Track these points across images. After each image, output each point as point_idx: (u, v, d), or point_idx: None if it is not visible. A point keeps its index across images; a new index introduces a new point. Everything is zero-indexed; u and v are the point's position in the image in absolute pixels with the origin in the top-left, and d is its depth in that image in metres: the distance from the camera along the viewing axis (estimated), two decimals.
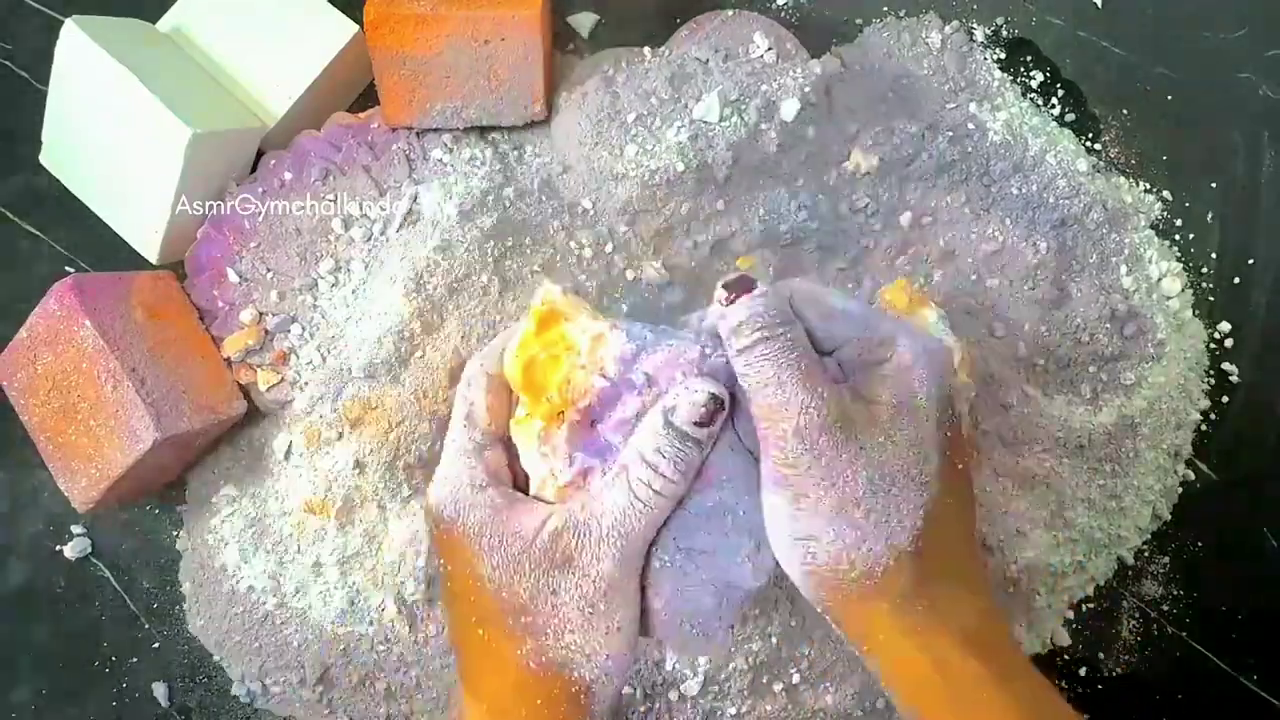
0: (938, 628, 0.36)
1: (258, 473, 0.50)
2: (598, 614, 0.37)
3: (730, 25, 0.51)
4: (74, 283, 0.46)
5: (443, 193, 0.48)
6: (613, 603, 0.37)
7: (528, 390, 0.39)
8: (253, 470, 0.51)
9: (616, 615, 0.37)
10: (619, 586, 0.37)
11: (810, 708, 0.49)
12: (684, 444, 0.37)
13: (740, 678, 0.47)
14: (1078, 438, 0.50)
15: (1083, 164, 0.52)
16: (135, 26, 0.50)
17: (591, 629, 0.37)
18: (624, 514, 0.37)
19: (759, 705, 0.48)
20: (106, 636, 0.53)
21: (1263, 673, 0.52)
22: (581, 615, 0.37)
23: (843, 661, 0.49)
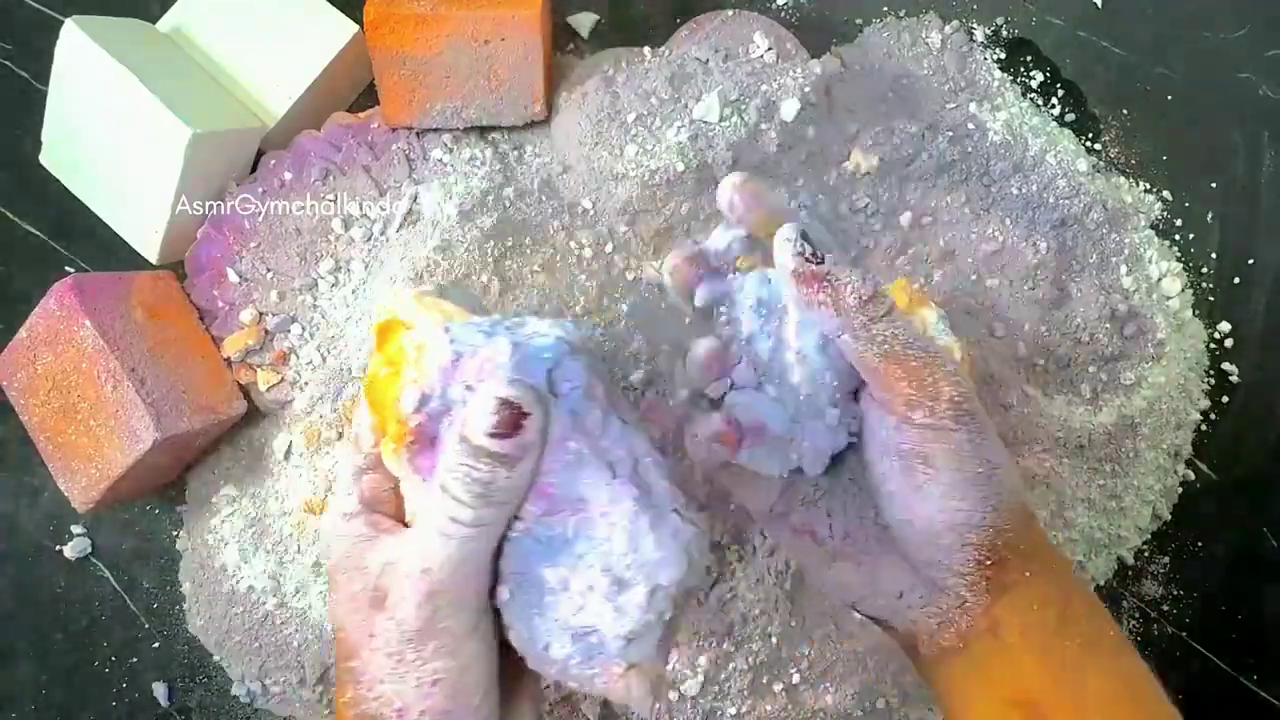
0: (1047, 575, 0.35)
1: (258, 473, 0.50)
2: (405, 663, 0.33)
3: (730, 25, 0.51)
4: (74, 283, 0.46)
5: (443, 193, 0.48)
6: (423, 651, 0.33)
7: (374, 411, 0.35)
8: (253, 470, 0.51)
9: (432, 665, 0.33)
10: (429, 633, 0.32)
11: (810, 708, 0.48)
12: (480, 462, 0.31)
13: (740, 678, 0.47)
14: (1078, 438, 0.50)
15: (1083, 164, 0.52)
16: (135, 26, 0.50)
17: (400, 680, 0.33)
18: (426, 549, 0.32)
19: (759, 705, 0.48)
20: (106, 636, 0.53)
21: (1263, 673, 0.52)
22: (390, 663, 0.33)
23: (843, 661, 0.49)
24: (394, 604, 0.33)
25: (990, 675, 0.35)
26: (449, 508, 0.32)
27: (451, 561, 0.32)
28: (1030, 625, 0.34)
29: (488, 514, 0.32)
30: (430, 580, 0.32)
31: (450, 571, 0.32)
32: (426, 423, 0.33)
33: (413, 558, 0.33)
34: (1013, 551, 0.34)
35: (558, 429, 0.32)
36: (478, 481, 0.31)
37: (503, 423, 0.31)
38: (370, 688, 0.33)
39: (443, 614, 0.32)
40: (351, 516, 0.35)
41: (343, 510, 0.36)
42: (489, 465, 0.31)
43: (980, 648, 0.35)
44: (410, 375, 0.33)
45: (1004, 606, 0.34)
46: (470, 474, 0.31)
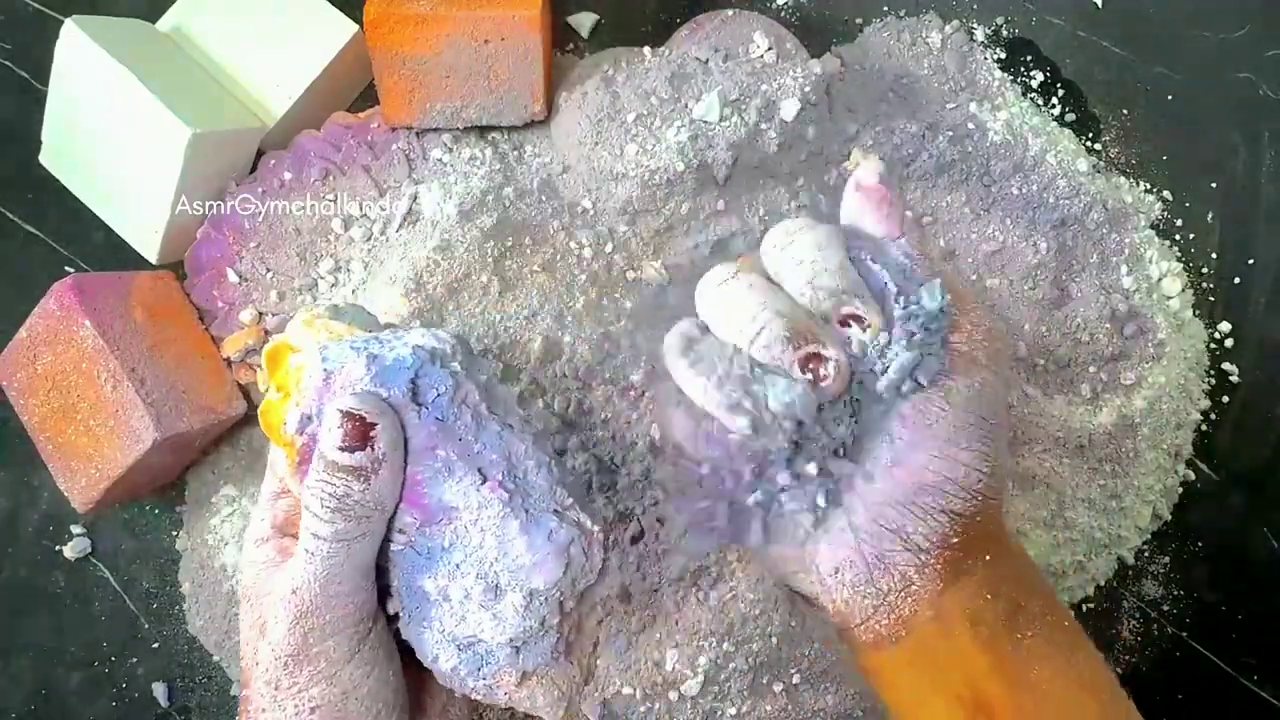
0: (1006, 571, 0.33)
1: (258, 473, 0.50)
2: (282, 691, 0.32)
3: (730, 25, 0.51)
4: (74, 283, 0.46)
5: (443, 193, 0.48)
6: (298, 678, 0.32)
7: (269, 435, 0.35)
8: (253, 470, 0.51)
9: (309, 693, 0.32)
10: (302, 658, 0.32)
11: (811, 708, 0.48)
12: (334, 476, 0.31)
13: (740, 678, 0.47)
14: (1078, 438, 0.50)
15: (1083, 164, 0.52)
16: (135, 26, 0.50)
17: (278, 707, 0.32)
18: (293, 569, 0.32)
19: (759, 705, 0.48)
20: (106, 636, 0.53)
21: (1263, 673, 0.52)
22: (269, 691, 0.32)
23: (843, 662, 0.49)
24: (269, 629, 0.32)
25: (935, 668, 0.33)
26: (310, 524, 0.31)
27: (317, 580, 0.31)
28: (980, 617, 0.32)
29: (347, 528, 0.31)
30: (298, 600, 0.32)
31: (317, 591, 0.32)
32: (309, 443, 0.32)
33: (283, 580, 0.32)
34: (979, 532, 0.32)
35: (422, 437, 0.32)
36: (332, 496, 0.31)
37: (349, 435, 0.31)
38: (254, 717, 0.33)
39: (315, 637, 0.32)
40: (262, 542, 0.35)
41: (255, 536, 0.35)
42: (343, 479, 0.31)
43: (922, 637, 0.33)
44: (295, 398, 0.33)
45: (953, 595, 0.32)
46: (324, 489, 0.31)
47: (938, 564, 0.32)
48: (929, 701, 0.33)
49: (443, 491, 0.32)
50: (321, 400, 0.32)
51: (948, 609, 0.32)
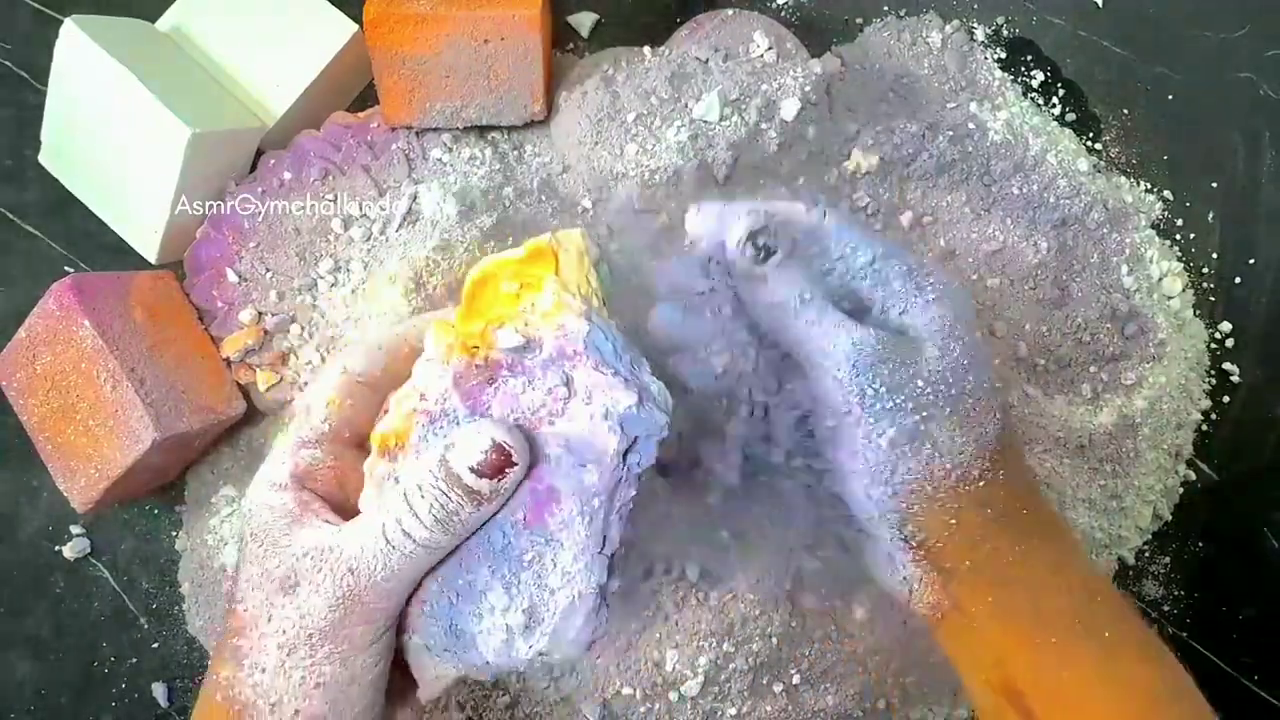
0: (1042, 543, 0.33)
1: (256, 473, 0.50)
2: (295, 658, 0.31)
3: (730, 25, 0.51)
4: (73, 283, 0.46)
5: (442, 192, 0.48)
6: (318, 652, 0.31)
7: (466, 304, 0.34)
8: (252, 470, 0.50)
9: (323, 670, 0.31)
10: (332, 635, 0.31)
11: (811, 708, 0.48)
12: (453, 490, 0.31)
13: (740, 678, 0.47)
14: (1078, 438, 0.50)
15: (1083, 164, 0.52)
16: (135, 26, 0.50)
17: (283, 674, 0.31)
18: (363, 551, 0.31)
19: (759, 706, 0.48)
20: (106, 637, 0.53)
21: (1263, 673, 0.52)
22: (278, 654, 0.31)
23: (843, 662, 0.49)
24: (304, 594, 0.31)
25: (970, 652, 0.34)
26: (405, 519, 0.31)
27: (384, 571, 0.31)
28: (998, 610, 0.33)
29: (440, 540, 0.31)
30: (352, 582, 0.31)
31: (378, 581, 0.31)
32: (503, 365, 0.32)
33: (343, 553, 0.31)
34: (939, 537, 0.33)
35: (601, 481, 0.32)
36: (443, 508, 0.31)
37: (488, 465, 0.30)
38: (251, 673, 0.32)
39: (350, 620, 0.31)
40: (280, 488, 0.34)
41: (272, 479, 0.34)
42: (459, 497, 0.31)
43: (952, 624, 0.34)
44: (527, 315, 0.32)
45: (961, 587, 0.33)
46: (438, 498, 0.31)
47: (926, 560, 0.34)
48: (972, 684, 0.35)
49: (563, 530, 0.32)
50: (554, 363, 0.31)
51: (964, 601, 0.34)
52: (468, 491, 0.31)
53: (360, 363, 0.35)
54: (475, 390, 0.32)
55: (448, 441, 0.31)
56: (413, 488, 0.31)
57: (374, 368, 0.35)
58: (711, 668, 0.47)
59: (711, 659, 0.47)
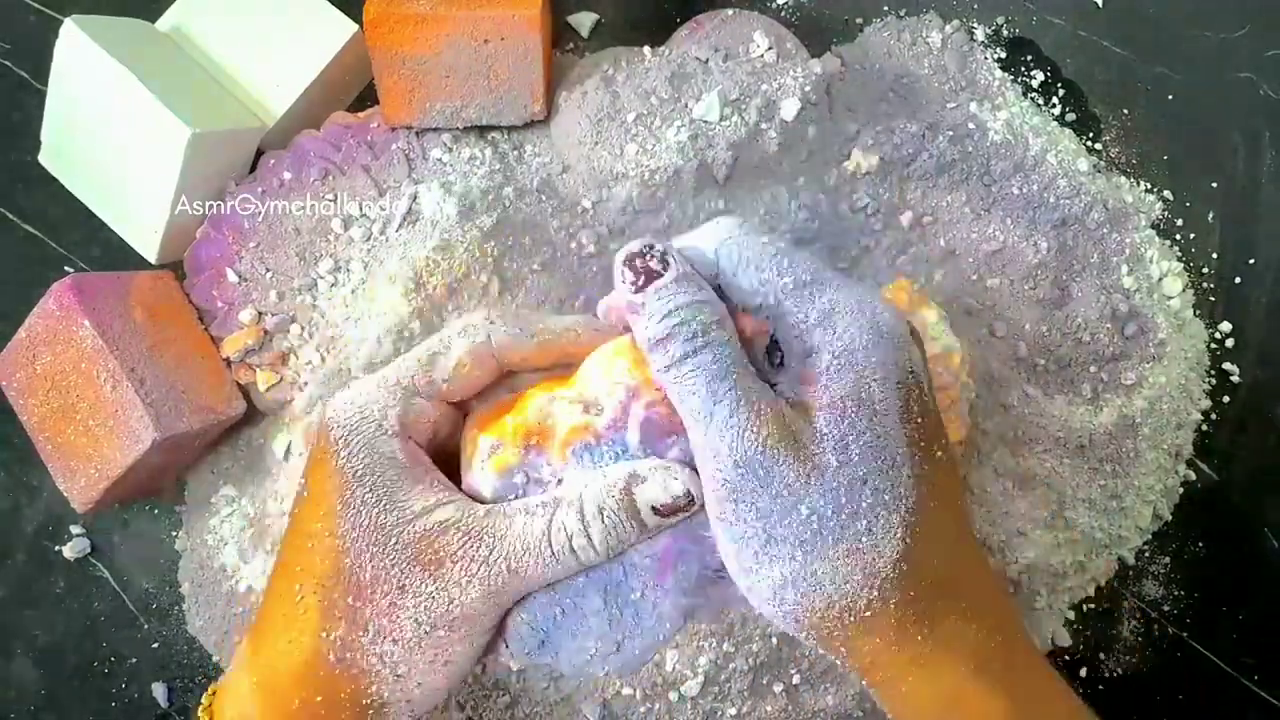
0: (944, 657, 0.31)
1: (257, 473, 0.50)
2: (433, 638, 0.31)
3: (730, 25, 0.51)
4: (73, 283, 0.46)
5: (442, 192, 0.48)
6: (456, 633, 0.32)
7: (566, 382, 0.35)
8: (252, 470, 0.51)
9: (454, 649, 0.32)
10: (474, 620, 0.32)
11: (810, 708, 0.48)
12: (630, 521, 0.31)
13: (740, 678, 0.47)
14: (1078, 438, 0.50)
15: (1083, 164, 0.52)
16: (135, 26, 0.50)
17: (419, 650, 0.31)
18: (527, 550, 0.31)
19: (759, 706, 0.48)
20: (106, 637, 0.53)
21: (1263, 673, 0.52)
22: (415, 630, 0.31)
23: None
24: (455, 580, 0.31)
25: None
26: (577, 538, 0.31)
27: (541, 579, 0.32)
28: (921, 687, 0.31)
29: (599, 560, 0.32)
30: (509, 581, 0.31)
31: (531, 583, 0.32)
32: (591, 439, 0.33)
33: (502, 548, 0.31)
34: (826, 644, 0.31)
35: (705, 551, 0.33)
36: (617, 537, 0.32)
37: (672, 507, 0.31)
38: (377, 640, 0.31)
39: (495, 610, 0.32)
40: (390, 434, 0.33)
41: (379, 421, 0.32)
42: (634, 529, 0.32)
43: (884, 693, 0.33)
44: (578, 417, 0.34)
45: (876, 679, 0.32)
46: (617, 529, 0.31)
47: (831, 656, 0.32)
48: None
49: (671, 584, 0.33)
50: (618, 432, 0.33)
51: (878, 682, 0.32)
52: (640, 524, 0.32)
53: (510, 341, 0.34)
54: (657, 438, 0.32)
55: (635, 472, 0.32)
56: (593, 510, 0.31)
57: (519, 351, 0.35)
58: (711, 668, 0.47)
59: (711, 659, 0.47)
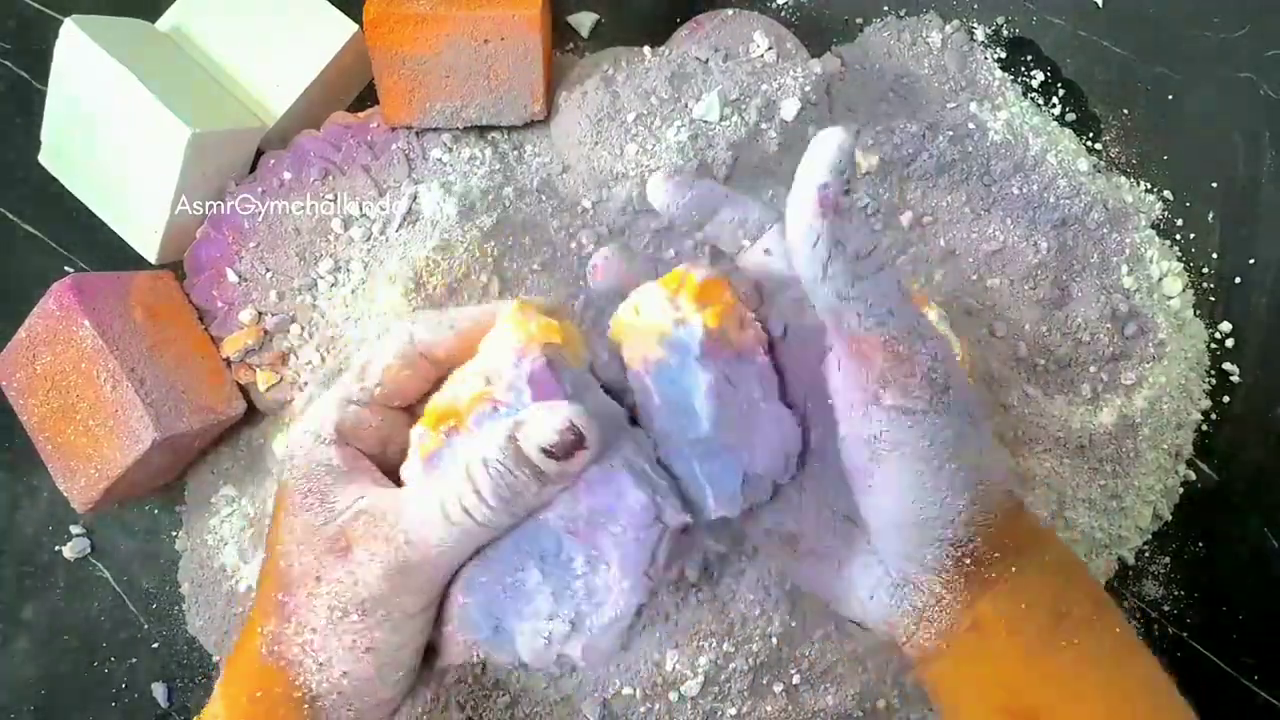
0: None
1: (257, 473, 0.50)
2: (345, 623, 0.31)
3: (730, 25, 0.51)
4: (73, 283, 0.46)
5: (442, 192, 0.48)
6: (371, 618, 0.31)
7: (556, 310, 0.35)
8: (252, 470, 0.51)
9: (372, 635, 0.31)
10: (384, 602, 0.31)
11: (811, 708, 0.48)
12: (519, 469, 0.30)
13: (740, 678, 0.47)
14: (1078, 438, 0.50)
15: (1083, 164, 0.52)
16: (135, 26, 0.50)
17: (334, 636, 0.31)
18: (424, 521, 0.31)
19: (759, 706, 0.48)
20: (106, 637, 0.53)
21: (1263, 673, 0.52)
22: (329, 616, 0.32)
23: (843, 662, 0.48)
24: (359, 561, 0.31)
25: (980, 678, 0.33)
26: (467, 497, 0.31)
27: (440, 547, 0.31)
28: (1018, 625, 0.32)
29: (499, 520, 0.31)
30: (409, 554, 0.31)
31: (434, 556, 0.31)
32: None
33: (401, 524, 0.31)
34: (995, 547, 0.32)
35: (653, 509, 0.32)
36: (509, 488, 0.30)
37: (562, 445, 0.30)
38: (299, 631, 0.32)
39: (403, 590, 0.31)
40: (324, 442, 0.33)
41: (317, 432, 0.34)
42: (526, 477, 0.30)
43: (965, 648, 0.33)
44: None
45: (987, 603, 0.32)
46: (504, 477, 0.30)
47: (959, 579, 0.32)
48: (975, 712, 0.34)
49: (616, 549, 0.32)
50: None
51: (984, 619, 0.32)
52: (535, 472, 0.30)
53: (430, 336, 0.35)
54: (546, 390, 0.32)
55: (517, 419, 0.31)
56: (477, 465, 0.31)
57: (442, 344, 0.35)
58: (711, 668, 0.47)
59: (711, 659, 0.47)
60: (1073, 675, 0.32)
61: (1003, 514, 0.33)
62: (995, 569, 0.32)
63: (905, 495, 0.31)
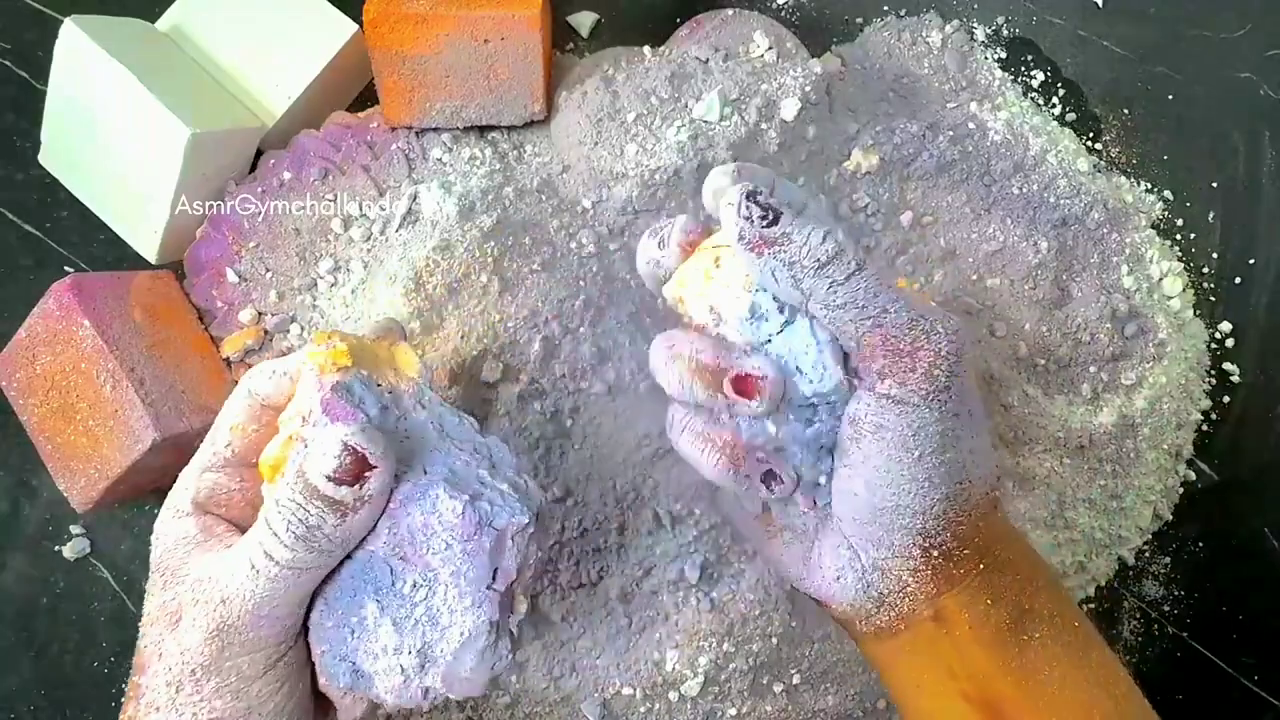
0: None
1: None
2: (182, 696, 0.30)
3: (730, 24, 0.51)
4: (73, 283, 0.46)
5: (442, 192, 0.48)
6: (204, 687, 0.30)
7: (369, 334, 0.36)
8: None
9: (214, 705, 0.30)
10: (213, 669, 0.30)
11: (811, 708, 0.48)
12: (311, 503, 0.29)
13: (740, 678, 0.47)
14: (1078, 438, 0.50)
15: (1083, 163, 0.52)
16: (135, 26, 0.50)
17: (174, 712, 0.30)
18: (231, 574, 0.30)
19: (759, 706, 0.48)
20: (106, 636, 0.53)
21: (1263, 673, 0.52)
22: (167, 692, 0.30)
23: (843, 662, 0.49)
24: (184, 629, 0.30)
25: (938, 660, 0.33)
26: (266, 542, 0.29)
27: (254, 598, 0.30)
28: (981, 620, 0.32)
29: (305, 558, 0.30)
30: (225, 613, 0.30)
31: (249, 610, 0.30)
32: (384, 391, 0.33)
33: (215, 583, 0.30)
34: (965, 544, 0.32)
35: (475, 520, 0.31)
36: (302, 523, 0.29)
37: (344, 470, 0.29)
38: (147, 712, 0.31)
39: (231, 652, 0.30)
40: (181, 515, 0.33)
41: (174, 505, 0.33)
42: (319, 510, 0.29)
43: (924, 633, 0.33)
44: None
45: (951, 598, 0.32)
46: (295, 513, 0.29)
47: (926, 570, 0.32)
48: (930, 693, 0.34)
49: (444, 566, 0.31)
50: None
51: (947, 611, 0.33)
52: (329, 503, 0.29)
53: (265, 386, 0.34)
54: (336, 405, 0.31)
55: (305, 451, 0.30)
56: (271, 506, 0.30)
57: (279, 392, 0.34)
58: (711, 668, 0.47)
59: (711, 659, 0.47)
60: (1034, 668, 0.32)
61: (978, 515, 0.33)
62: (962, 566, 0.33)
63: (877, 478, 0.31)
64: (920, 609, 0.33)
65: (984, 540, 0.33)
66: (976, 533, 0.33)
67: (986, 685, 0.33)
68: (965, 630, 0.33)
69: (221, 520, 0.33)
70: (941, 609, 0.33)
